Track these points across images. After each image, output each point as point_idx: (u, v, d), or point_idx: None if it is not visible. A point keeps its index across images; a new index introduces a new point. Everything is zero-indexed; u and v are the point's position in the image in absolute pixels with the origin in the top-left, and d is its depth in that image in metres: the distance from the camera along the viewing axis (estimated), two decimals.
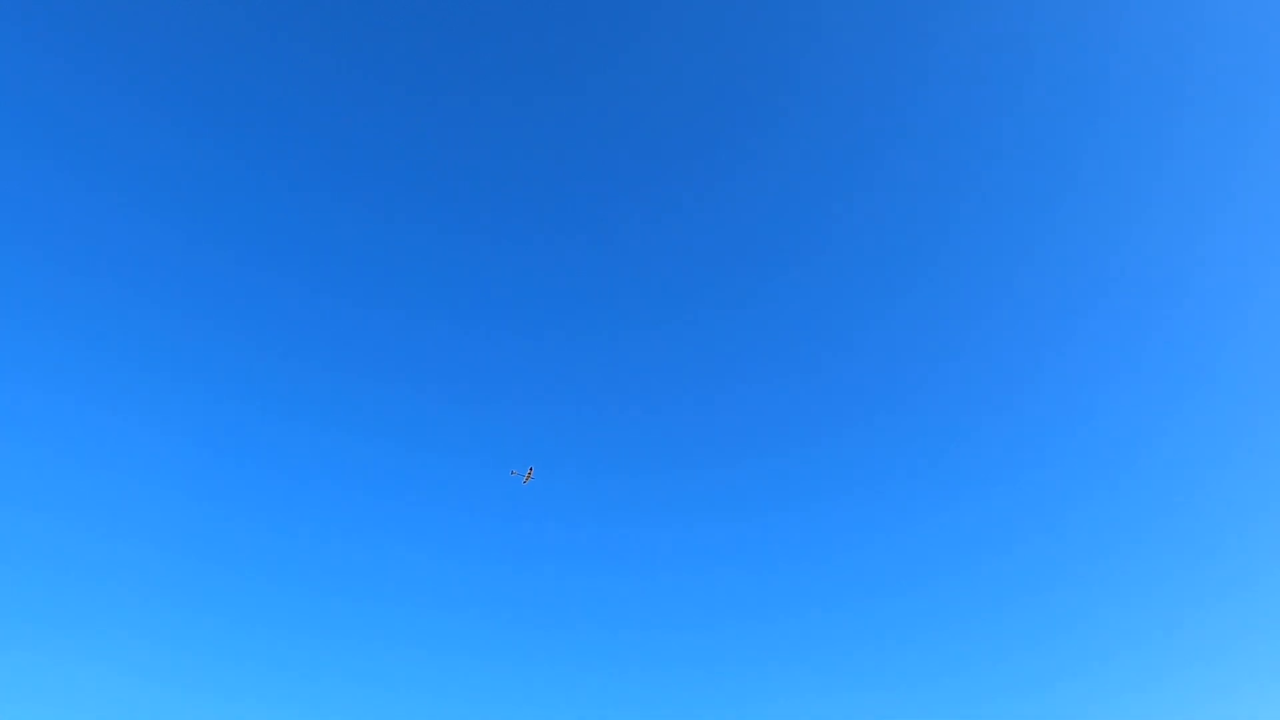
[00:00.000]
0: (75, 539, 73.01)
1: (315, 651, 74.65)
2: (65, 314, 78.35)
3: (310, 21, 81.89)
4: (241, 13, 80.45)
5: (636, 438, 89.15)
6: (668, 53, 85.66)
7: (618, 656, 78.50)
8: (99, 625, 69.98)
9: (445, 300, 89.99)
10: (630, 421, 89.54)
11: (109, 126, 79.43)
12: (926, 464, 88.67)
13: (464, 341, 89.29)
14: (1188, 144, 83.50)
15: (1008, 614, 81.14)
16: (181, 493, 78.49)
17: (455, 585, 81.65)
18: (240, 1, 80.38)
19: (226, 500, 79.98)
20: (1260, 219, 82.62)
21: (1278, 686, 71.19)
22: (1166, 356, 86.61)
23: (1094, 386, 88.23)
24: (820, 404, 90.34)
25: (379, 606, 78.51)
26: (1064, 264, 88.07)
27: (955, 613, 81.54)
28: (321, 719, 70.46)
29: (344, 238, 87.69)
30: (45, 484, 74.26)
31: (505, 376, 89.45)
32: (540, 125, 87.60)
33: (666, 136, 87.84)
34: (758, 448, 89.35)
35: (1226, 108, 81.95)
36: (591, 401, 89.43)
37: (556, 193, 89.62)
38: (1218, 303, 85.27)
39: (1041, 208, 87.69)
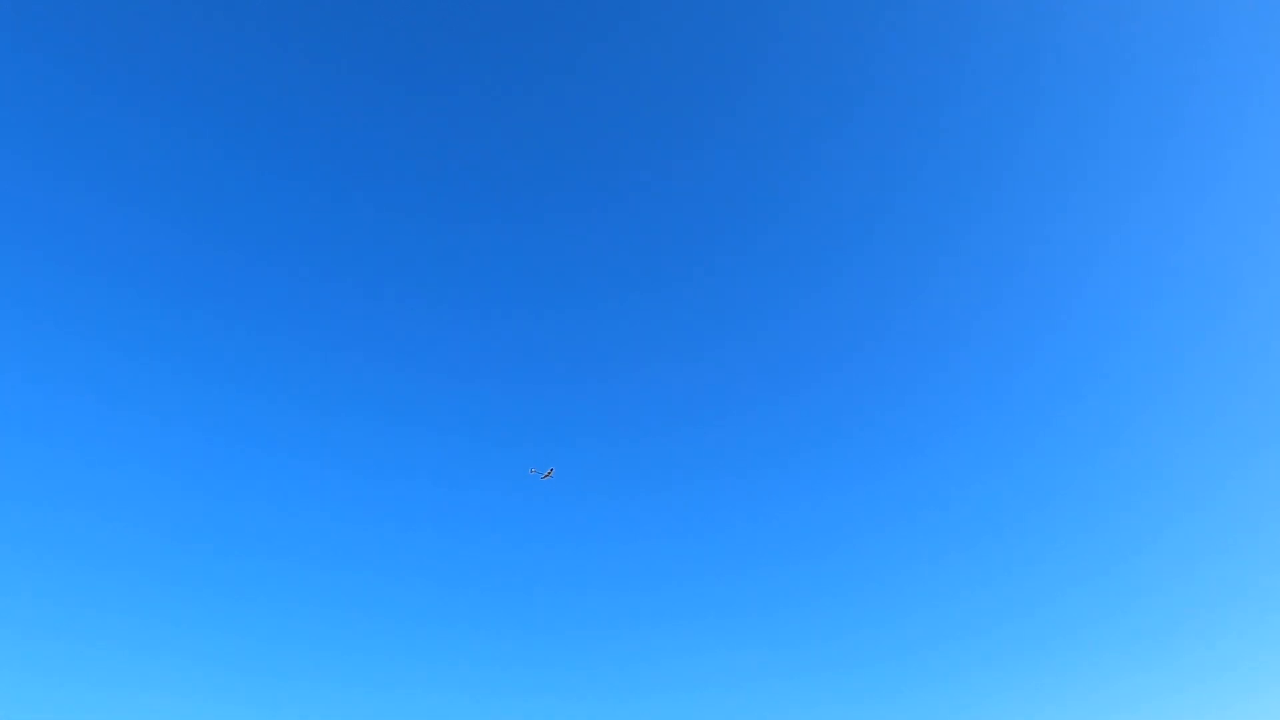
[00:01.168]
0: (76, 538, 73.28)
1: (301, 640, 74.95)
2: (65, 313, 78.58)
3: (283, 15, 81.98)
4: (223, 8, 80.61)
5: (610, 422, 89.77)
6: (652, 45, 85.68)
7: (599, 637, 79.01)
8: (100, 625, 70.20)
9: (420, 289, 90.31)
10: (605, 405, 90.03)
11: (109, 126, 79.59)
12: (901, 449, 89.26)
13: (441, 328, 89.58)
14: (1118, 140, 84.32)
15: (985, 599, 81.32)
16: (187, 488, 78.80)
17: (435, 571, 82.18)
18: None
19: (228, 494, 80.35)
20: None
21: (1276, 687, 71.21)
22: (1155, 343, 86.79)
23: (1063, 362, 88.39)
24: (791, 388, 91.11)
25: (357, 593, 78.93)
26: (1007, 246, 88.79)
27: (916, 592, 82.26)
28: (319, 712, 70.78)
29: (316, 226, 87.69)
30: (48, 483, 74.49)
31: (484, 363, 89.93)
32: (505, 114, 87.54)
33: (607, 131, 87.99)
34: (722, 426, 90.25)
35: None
36: (558, 384, 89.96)
37: (535, 186, 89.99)
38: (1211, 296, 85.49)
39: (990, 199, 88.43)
